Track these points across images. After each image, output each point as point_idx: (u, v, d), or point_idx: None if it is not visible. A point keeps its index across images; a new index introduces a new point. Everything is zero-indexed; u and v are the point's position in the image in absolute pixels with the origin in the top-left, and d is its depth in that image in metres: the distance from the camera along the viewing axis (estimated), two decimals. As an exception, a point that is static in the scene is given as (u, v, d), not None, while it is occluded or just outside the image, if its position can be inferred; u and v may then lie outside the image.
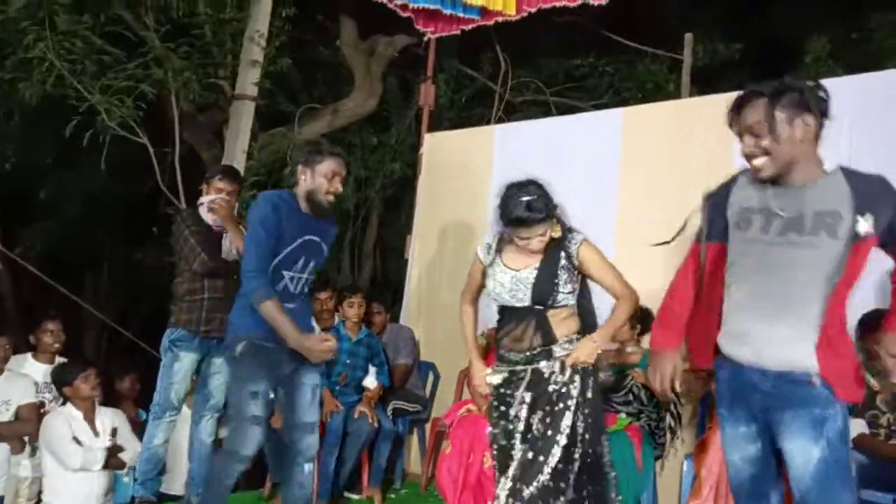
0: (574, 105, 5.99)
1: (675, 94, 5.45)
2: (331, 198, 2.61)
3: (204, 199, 3.25)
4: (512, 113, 6.06)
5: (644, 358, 3.33)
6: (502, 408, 2.45)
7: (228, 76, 5.16)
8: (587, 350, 2.40)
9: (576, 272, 2.45)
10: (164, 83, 4.79)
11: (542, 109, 6.10)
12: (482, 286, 2.54)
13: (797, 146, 1.72)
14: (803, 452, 1.70)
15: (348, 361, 3.78)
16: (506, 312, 2.46)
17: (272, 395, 2.55)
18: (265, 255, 2.47)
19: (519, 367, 2.41)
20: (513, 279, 2.38)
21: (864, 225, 1.67)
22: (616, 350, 3.36)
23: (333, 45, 5.86)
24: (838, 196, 1.69)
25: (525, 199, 2.28)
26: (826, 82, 1.78)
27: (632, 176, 3.89)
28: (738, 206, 1.85)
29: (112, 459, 3.31)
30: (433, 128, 4.91)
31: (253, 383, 2.48)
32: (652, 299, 3.54)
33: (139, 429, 3.47)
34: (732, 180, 1.92)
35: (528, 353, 2.40)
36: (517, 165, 3.93)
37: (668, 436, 3.29)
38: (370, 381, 3.75)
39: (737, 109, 1.78)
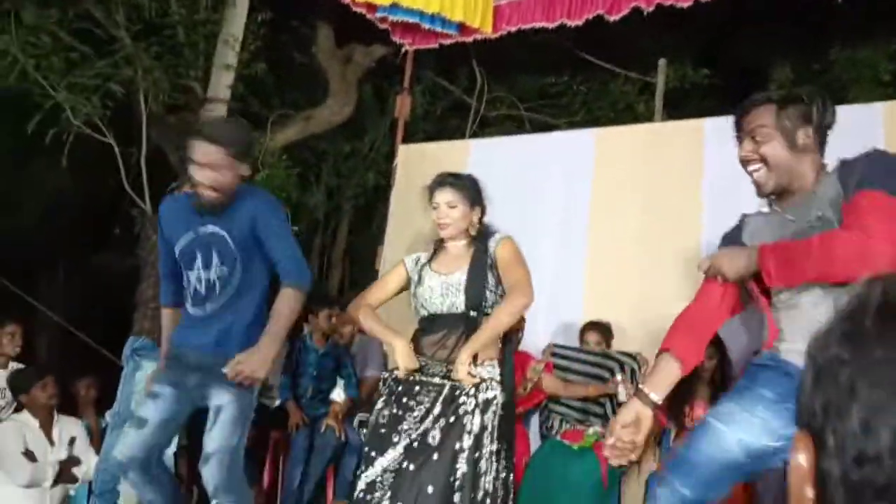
0: (548, 121, 6.07)
1: (646, 115, 5.58)
2: (203, 192, 2.21)
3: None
4: (486, 126, 6.10)
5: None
6: (405, 400, 2.17)
7: (200, 78, 5.07)
8: (459, 372, 2.10)
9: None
10: (132, 82, 4.69)
11: (516, 124, 6.16)
12: (389, 297, 2.37)
13: (797, 157, 1.65)
14: None
15: (315, 373, 3.74)
16: (434, 322, 2.25)
17: (178, 405, 2.28)
18: (163, 261, 2.40)
19: (436, 380, 2.18)
20: (443, 284, 2.25)
21: None
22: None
23: (309, 52, 5.82)
24: (835, 193, 1.61)
25: (453, 172, 2.34)
26: None
27: (603, 196, 3.95)
28: (752, 242, 1.75)
29: (64, 474, 3.20)
30: (408, 139, 4.91)
31: (156, 384, 2.33)
32: (622, 316, 3.62)
33: (102, 435, 3.36)
34: (741, 222, 1.85)
35: (447, 366, 2.16)
36: (491, 180, 3.97)
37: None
38: (338, 395, 3.71)
39: (743, 113, 1.72)
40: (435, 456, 2.06)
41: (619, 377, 3.24)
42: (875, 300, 0.48)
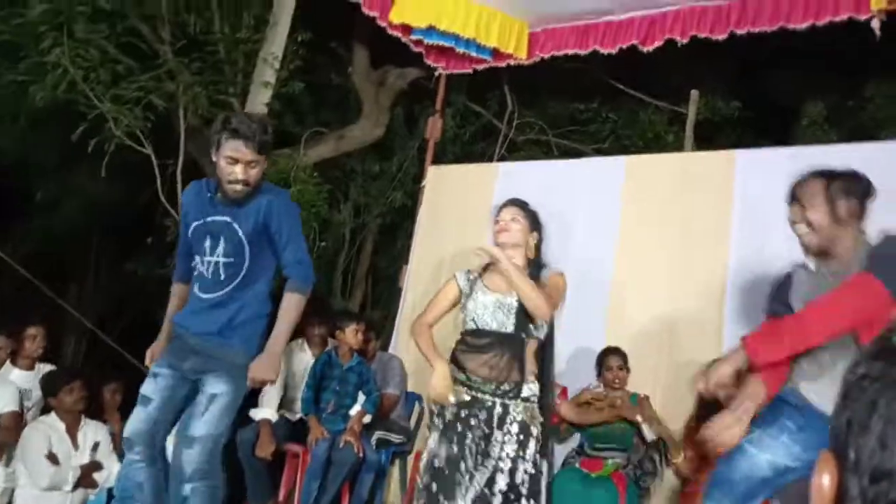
0: (575, 148, 6.09)
1: (675, 145, 5.58)
2: (235, 187, 2.27)
3: None
4: (514, 151, 6.14)
5: (633, 396, 3.36)
6: (459, 428, 2.28)
7: (238, 94, 5.20)
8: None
9: None
10: (173, 96, 4.83)
11: (544, 150, 6.19)
12: (445, 313, 2.47)
13: (838, 224, 1.92)
14: None
15: (338, 388, 3.75)
16: (479, 337, 2.35)
17: (177, 386, 2.35)
18: (182, 241, 2.48)
19: (487, 397, 2.30)
20: (496, 302, 2.35)
21: None
22: (608, 403, 3.37)
23: (345, 72, 5.94)
24: (860, 265, 1.86)
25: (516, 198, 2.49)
26: (821, 148, 1.97)
27: (631, 223, 3.95)
28: (797, 296, 2.01)
29: (85, 479, 3.25)
30: (436, 160, 4.97)
31: (157, 365, 2.40)
32: (644, 346, 3.59)
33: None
34: (789, 274, 2.10)
35: (501, 386, 2.30)
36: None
37: (651, 479, 3.29)
38: (355, 409, 3.71)
39: (797, 183, 2.00)
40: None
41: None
42: None
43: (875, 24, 3.37)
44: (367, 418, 3.70)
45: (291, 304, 2.33)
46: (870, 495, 0.46)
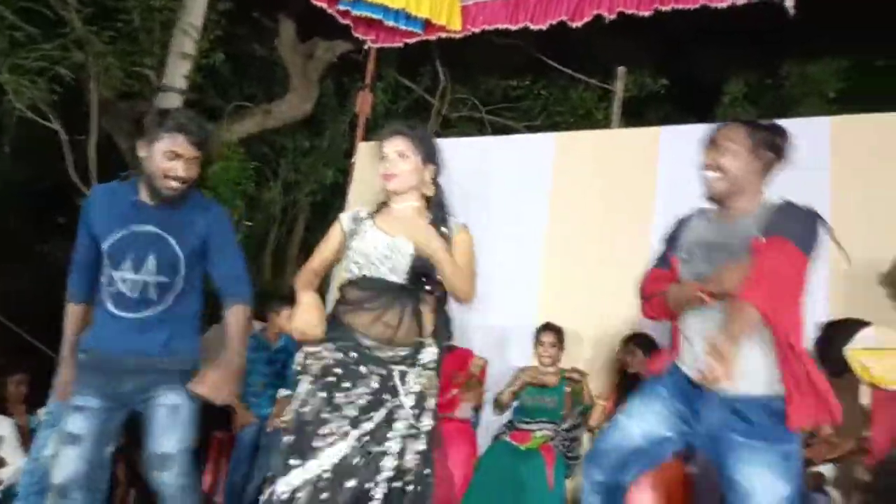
0: (508, 125, 6.10)
1: (605, 122, 5.66)
2: (172, 184, 2.09)
3: None
4: (447, 128, 6.10)
5: (562, 380, 3.39)
6: (336, 380, 1.83)
7: (155, 66, 4.94)
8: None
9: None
10: (83, 67, 4.52)
11: (477, 126, 6.17)
12: (331, 261, 2.03)
13: (748, 175, 1.87)
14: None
15: (265, 371, 3.65)
16: (365, 288, 1.90)
17: (110, 415, 2.11)
18: (77, 252, 2.21)
19: (380, 367, 1.84)
20: (389, 245, 1.90)
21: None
22: (533, 370, 3.41)
23: (270, 44, 5.72)
24: (760, 223, 1.82)
25: (406, 122, 2.06)
26: None
27: (561, 199, 3.98)
28: (685, 241, 1.96)
29: None
30: (368, 136, 4.86)
31: (80, 396, 2.10)
32: (576, 319, 3.64)
33: (30, 436, 3.20)
34: (682, 220, 2.03)
35: (398, 350, 1.86)
36: (450, 180, 3.95)
37: (582, 453, 3.36)
38: (283, 392, 3.62)
39: (719, 128, 1.94)
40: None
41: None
42: None
43: (788, 2, 3.49)
44: (297, 401, 3.61)
45: (240, 318, 2.17)
46: None
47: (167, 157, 2.09)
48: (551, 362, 3.43)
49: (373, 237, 1.93)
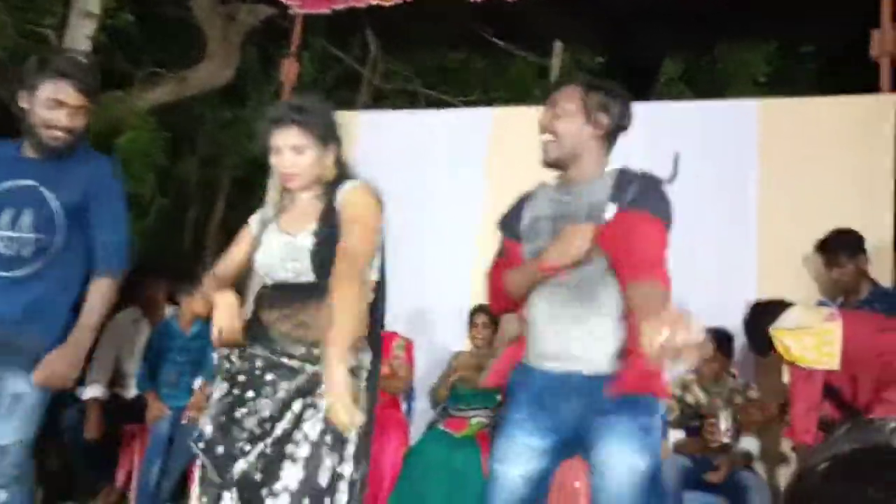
0: (443, 98, 5.93)
1: (542, 99, 5.55)
2: (56, 133, 1.96)
3: None
4: (380, 100, 5.87)
5: None
6: (238, 394, 1.67)
7: (55, 25, 4.52)
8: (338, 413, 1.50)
9: None
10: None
11: (411, 100, 5.98)
12: (240, 265, 1.85)
13: (585, 141, 1.77)
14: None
15: (179, 359, 3.39)
16: (277, 289, 1.74)
17: None
18: None
19: (294, 362, 1.67)
20: (287, 246, 1.73)
21: (610, 212, 1.70)
22: (465, 356, 3.30)
23: (185, 4, 5.29)
24: (604, 190, 1.73)
25: (297, 102, 1.80)
26: (673, 104, 1.83)
27: (497, 176, 3.86)
28: (528, 217, 1.87)
29: None
30: (294, 107, 4.59)
31: None
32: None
33: None
34: (532, 192, 1.93)
35: (312, 349, 1.65)
36: (382, 155, 3.74)
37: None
38: (198, 382, 3.37)
39: (556, 89, 1.86)
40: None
41: None
42: None
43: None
44: (215, 390, 3.37)
45: (102, 291, 2.01)
46: None
47: (48, 106, 1.96)
48: (485, 344, 3.32)
49: (273, 243, 1.77)
